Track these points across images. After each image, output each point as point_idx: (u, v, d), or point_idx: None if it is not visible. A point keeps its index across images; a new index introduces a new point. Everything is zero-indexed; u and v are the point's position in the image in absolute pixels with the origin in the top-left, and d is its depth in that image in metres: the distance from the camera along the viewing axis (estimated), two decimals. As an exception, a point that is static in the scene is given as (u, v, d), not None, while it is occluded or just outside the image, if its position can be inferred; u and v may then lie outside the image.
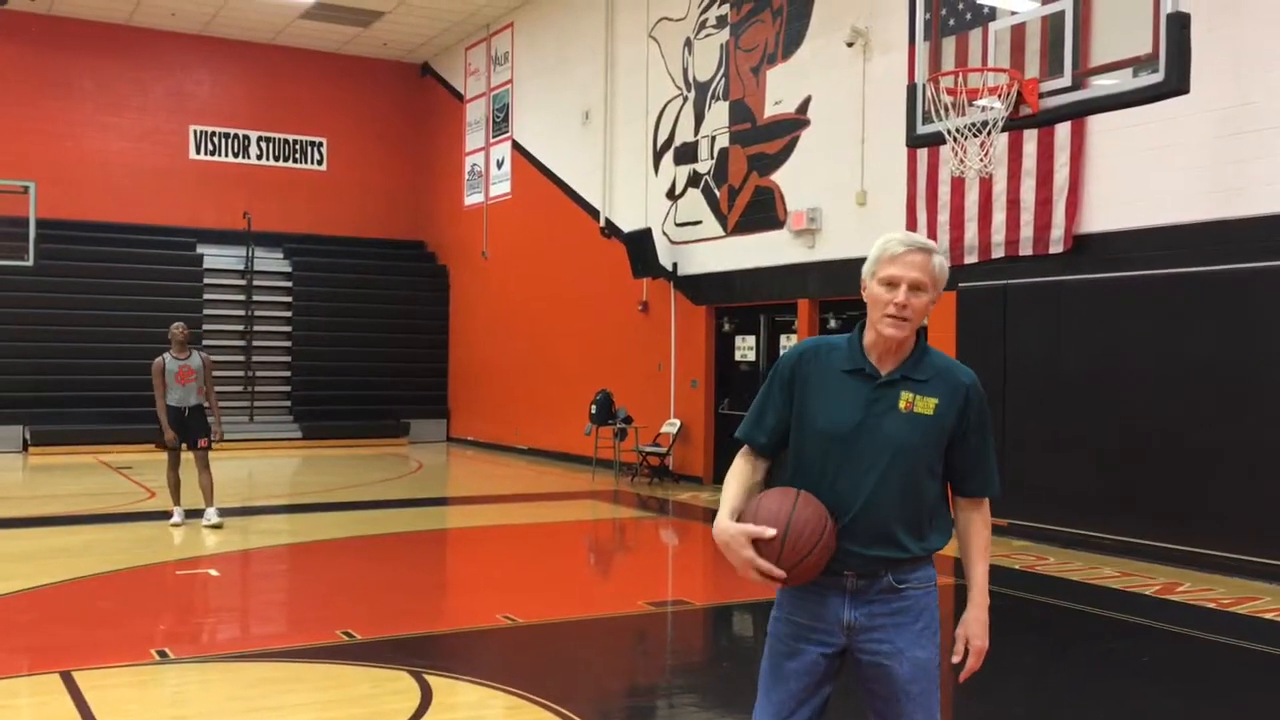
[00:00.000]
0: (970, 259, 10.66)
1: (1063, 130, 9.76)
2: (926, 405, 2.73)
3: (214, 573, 8.55)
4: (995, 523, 2.97)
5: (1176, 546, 8.80)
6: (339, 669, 5.77)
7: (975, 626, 2.83)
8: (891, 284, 2.71)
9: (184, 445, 10.52)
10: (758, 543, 2.64)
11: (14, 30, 18.59)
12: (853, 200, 12.02)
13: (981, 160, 6.06)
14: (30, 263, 16.39)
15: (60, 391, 18.31)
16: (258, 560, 9.49)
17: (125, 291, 19.21)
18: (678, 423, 14.62)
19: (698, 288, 14.48)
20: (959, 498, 2.87)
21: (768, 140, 13.34)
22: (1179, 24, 5.54)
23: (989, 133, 6.06)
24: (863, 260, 2.85)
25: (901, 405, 2.73)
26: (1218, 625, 7.01)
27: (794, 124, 12.94)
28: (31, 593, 7.57)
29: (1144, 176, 9.27)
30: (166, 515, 10.66)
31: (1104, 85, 6.16)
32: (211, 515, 10.44)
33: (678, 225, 14.87)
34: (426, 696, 5.25)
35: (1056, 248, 9.88)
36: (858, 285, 2.87)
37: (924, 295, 2.72)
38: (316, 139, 21.87)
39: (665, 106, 15.19)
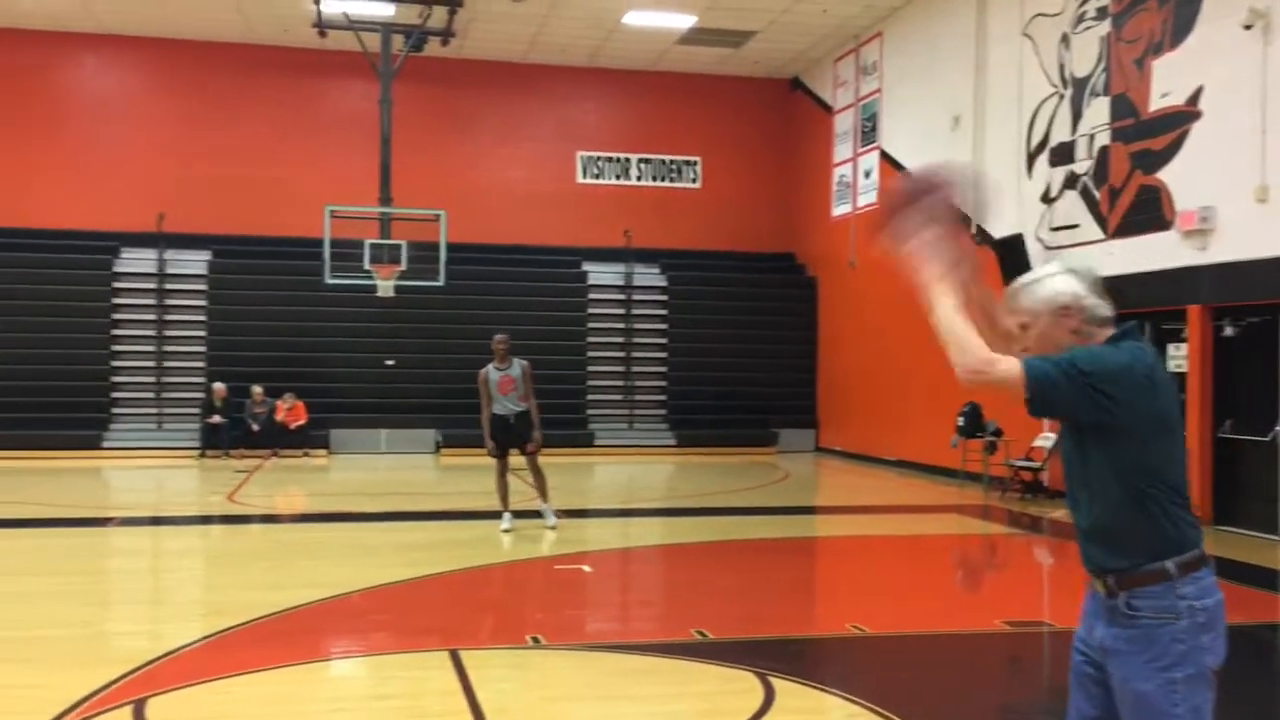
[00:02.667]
0: (1396, 258, 9.43)
1: None
2: None
3: (587, 569, 9.17)
4: None
5: None
6: (689, 665, 6.06)
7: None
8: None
9: (511, 451, 10.88)
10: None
11: (426, 74, 20.78)
12: (1251, 197, 10.95)
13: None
14: (441, 283, 18.24)
15: (467, 399, 20.13)
16: (628, 559, 10.08)
17: (520, 307, 20.89)
18: (1052, 437, 13.91)
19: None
20: None
21: (1153, 136, 12.44)
22: None
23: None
24: (1264, 262, 2.75)
25: None
26: None
27: (1183, 117, 11.98)
28: (431, 579, 8.49)
29: None
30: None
31: None
32: (549, 516, 10.92)
33: (1053, 230, 14.18)
34: (769, 698, 5.41)
35: None
36: (1258, 289, 2.80)
37: (1031, 327, 2.84)
38: (692, 158, 22.77)
39: (1039, 106, 14.54)
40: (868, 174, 19.49)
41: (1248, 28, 10.95)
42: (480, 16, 19.07)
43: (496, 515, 10.87)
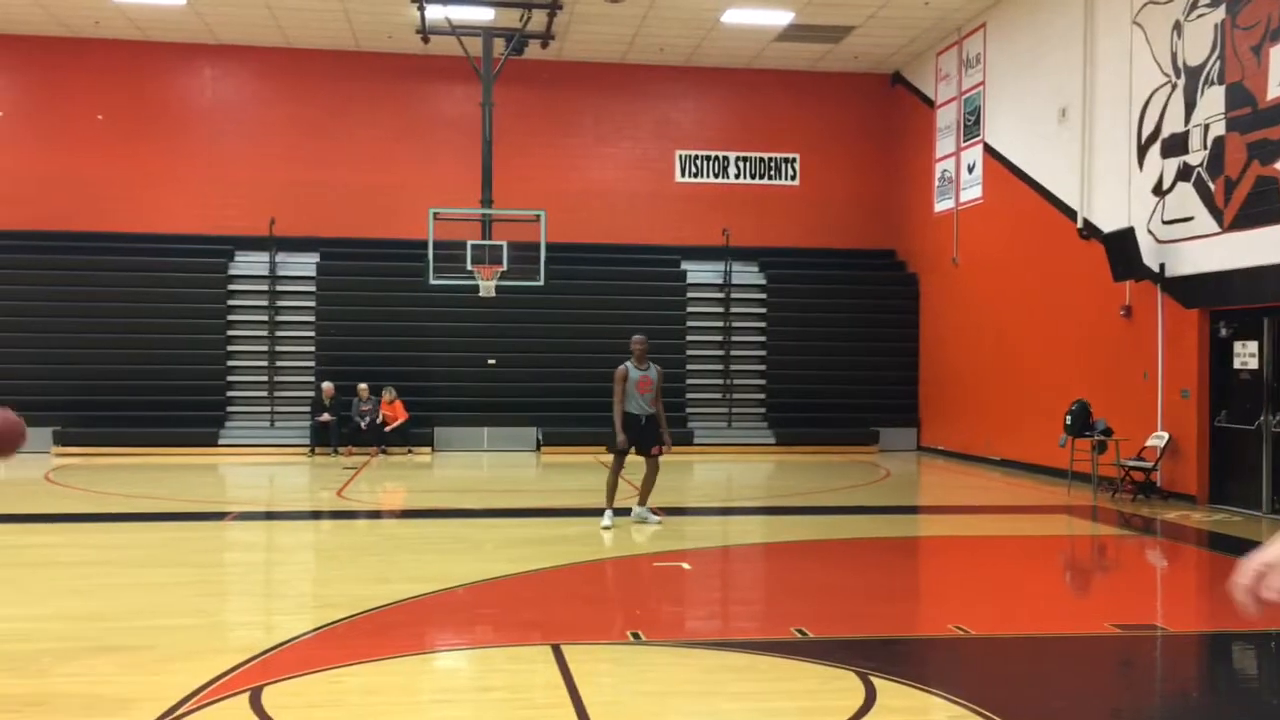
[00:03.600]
0: None
1: None
2: None
3: (686, 566, 9.21)
4: None
5: None
6: (789, 663, 6.06)
7: None
8: None
9: (633, 450, 10.99)
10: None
11: (528, 76, 21.05)
12: (1378, 186, 10.52)
13: None
14: (541, 282, 18.45)
15: (566, 397, 20.42)
16: (728, 557, 10.09)
17: (618, 306, 21.04)
18: (1165, 436, 13.54)
19: (1188, 289, 13.32)
20: None
21: (1272, 125, 12.01)
22: None
23: None
24: None
25: None
26: None
27: (1303, 104, 11.55)
28: (535, 574, 8.61)
29: None
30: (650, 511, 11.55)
31: None
32: (646, 514, 11.07)
33: (1165, 223, 13.78)
34: (870, 697, 5.38)
35: None
36: None
37: None
38: (790, 155, 22.65)
39: (1151, 97, 14.14)
40: (971, 169, 19.17)
41: (1373, 10, 10.51)
42: (579, 18, 19.25)
43: (596, 513, 10.98)
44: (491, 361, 20.67)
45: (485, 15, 18.78)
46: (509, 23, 18.74)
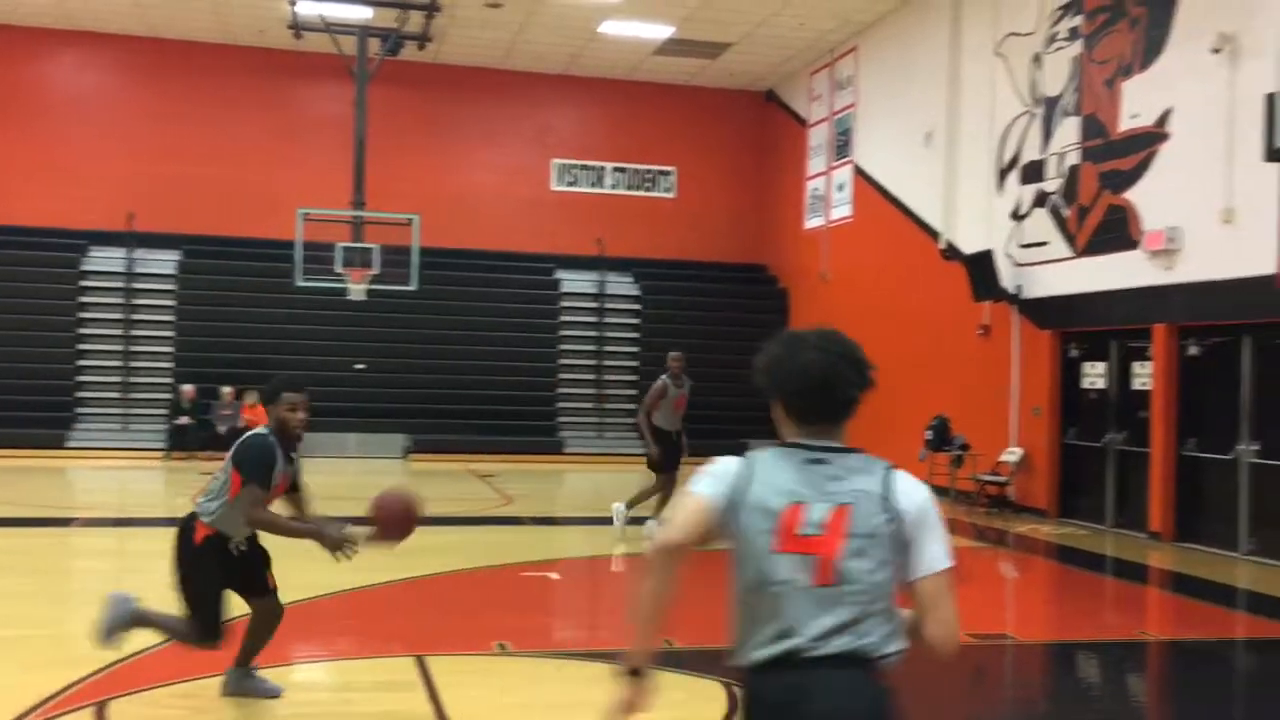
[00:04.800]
0: (1356, 281, 9.60)
1: None
2: None
3: (554, 576, 9.18)
4: None
5: None
6: (657, 674, 6.07)
7: None
8: None
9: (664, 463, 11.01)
10: None
11: (402, 78, 20.74)
12: (1217, 219, 11.12)
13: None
14: (414, 287, 18.19)
15: (437, 404, 20.16)
16: (595, 567, 10.09)
17: (492, 313, 20.89)
18: (1019, 451, 14.06)
19: (1043, 311, 13.88)
20: None
21: (1122, 156, 12.61)
22: None
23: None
24: (1229, 282, 2.76)
25: None
26: None
27: (1151, 138, 12.16)
28: (399, 584, 8.46)
29: None
30: (519, 521, 11.49)
31: None
32: (621, 510, 11.25)
33: (1022, 247, 14.34)
34: (734, 707, 5.44)
35: None
36: (1223, 309, 2.77)
37: None
38: (667, 168, 22.84)
39: (1011, 125, 14.70)
40: (841, 187, 19.63)
41: (1215, 51, 11.12)
42: (457, 22, 19.07)
43: (465, 521, 10.86)
44: (360, 366, 20.28)
45: (362, 14, 18.46)
46: (386, 23, 18.45)
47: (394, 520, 5.24)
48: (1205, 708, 6.36)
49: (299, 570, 8.95)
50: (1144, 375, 12.33)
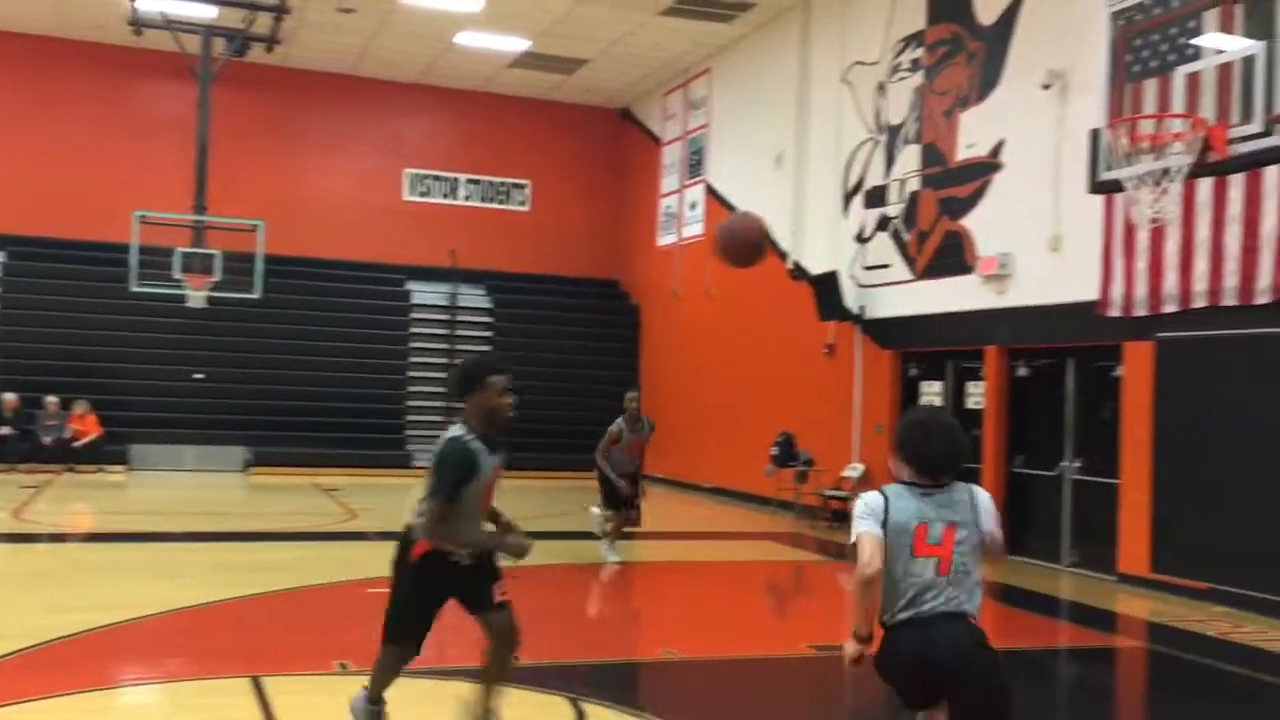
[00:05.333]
0: (1169, 308, 10.21)
1: (1271, 175, 9.25)
2: None
3: (400, 592, 8.99)
4: (1195, 585, 3.00)
5: (1392, 622, 8.15)
6: (511, 691, 6.01)
7: None
8: None
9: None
10: None
11: (249, 80, 20.16)
12: (1046, 246, 11.70)
13: (1154, 208, 5.86)
14: (257, 295, 17.66)
15: (280, 416, 19.59)
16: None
17: (340, 324, 20.45)
18: (861, 467, 14.47)
19: (884, 331, 14.34)
20: None
21: (959, 184, 13.15)
22: (1380, 67, 5.26)
23: (1170, 180, 5.86)
24: (1055, 307, 2.92)
25: None
26: None
27: (986, 168, 12.71)
28: (235, 602, 8.18)
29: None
30: (364, 536, 11.24)
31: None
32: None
33: (865, 268, 14.79)
34: (580, 722, 5.43)
35: (1263, 298, 9.35)
36: (1050, 332, 2.96)
37: None
38: (521, 181, 22.78)
39: (856, 150, 15.17)
40: (693, 206, 19.91)
41: (1046, 87, 11.70)
42: (307, 25, 18.65)
43: (305, 538, 10.58)
44: (198, 376, 19.55)
45: (206, 13, 17.87)
46: (232, 23, 17.91)
47: (741, 239, 5.21)
48: (1029, 716, 6.63)
49: (123, 588, 8.58)
50: (977, 395, 12.85)
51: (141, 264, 16.96)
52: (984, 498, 4.02)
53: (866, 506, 3.91)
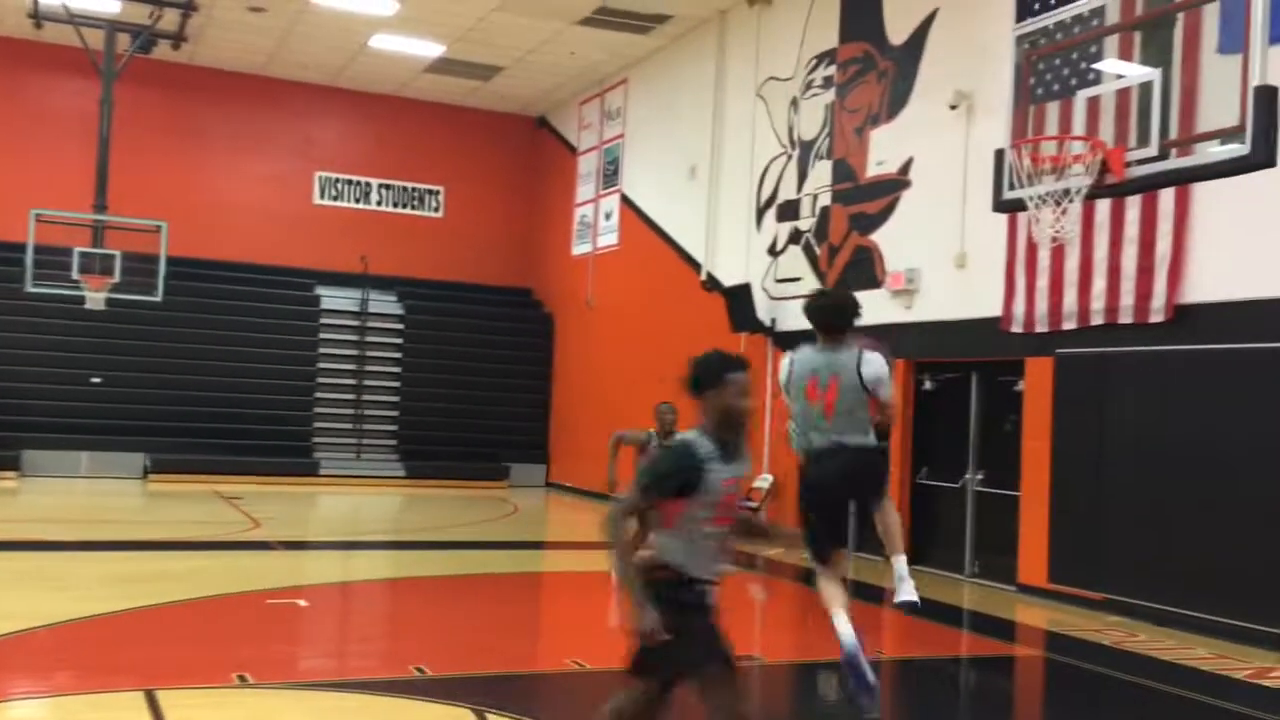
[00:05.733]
0: (1069, 325, 10.49)
1: (1166, 198, 9.59)
2: None
3: (303, 603, 8.84)
4: (1090, 596, 3.02)
5: (1273, 630, 8.46)
6: (405, 703, 5.94)
7: None
8: None
9: None
10: None
11: (154, 77, 19.67)
12: (952, 262, 11.94)
13: (1055, 228, 6.03)
14: (159, 298, 17.20)
15: (181, 422, 19.11)
16: (348, 593, 9.78)
17: (246, 329, 20.02)
18: (770, 478, 14.59)
19: (795, 344, 14.45)
20: None
21: (869, 200, 13.36)
22: (1267, 97, 5.46)
23: (1070, 201, 6.03)
24: (960, 322, 2.95)
25: None
26: (1309, 715, 6.73)
27: (895, 184, 12.94)
28: (130, 613, 7.94)
29: (1251, 247, 9.04)
30: (267, 546, 11.02)
31: (1191, 156, 6.09)
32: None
33: (778, 281, 14.95)
34: (484, 735, 5.38)
35: (1158, 317, 9.66)
36: (954, 346, 2.99)
37: None
38: (435, 187, 22.58)
39: (770, 164, 15.34)
40: (608, 216, 19.93)
41: (953, 107, 11.96)
42: (216, 23, 18.25)
43: (206, 547, 10.33)
44: (96, 380, 18.98)
45: (109, 7, 17.40)
46: (138, 18, 17.46)
47: None
48: (931, 722, 6.75)
49: (12, 599, 8.28)
50: (885, 407, 13.04)
51: (38, 264, 16.42)
52: (871, 358, 5.53)
53: (783, 362, 5.89)
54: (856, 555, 13.05)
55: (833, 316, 5.83)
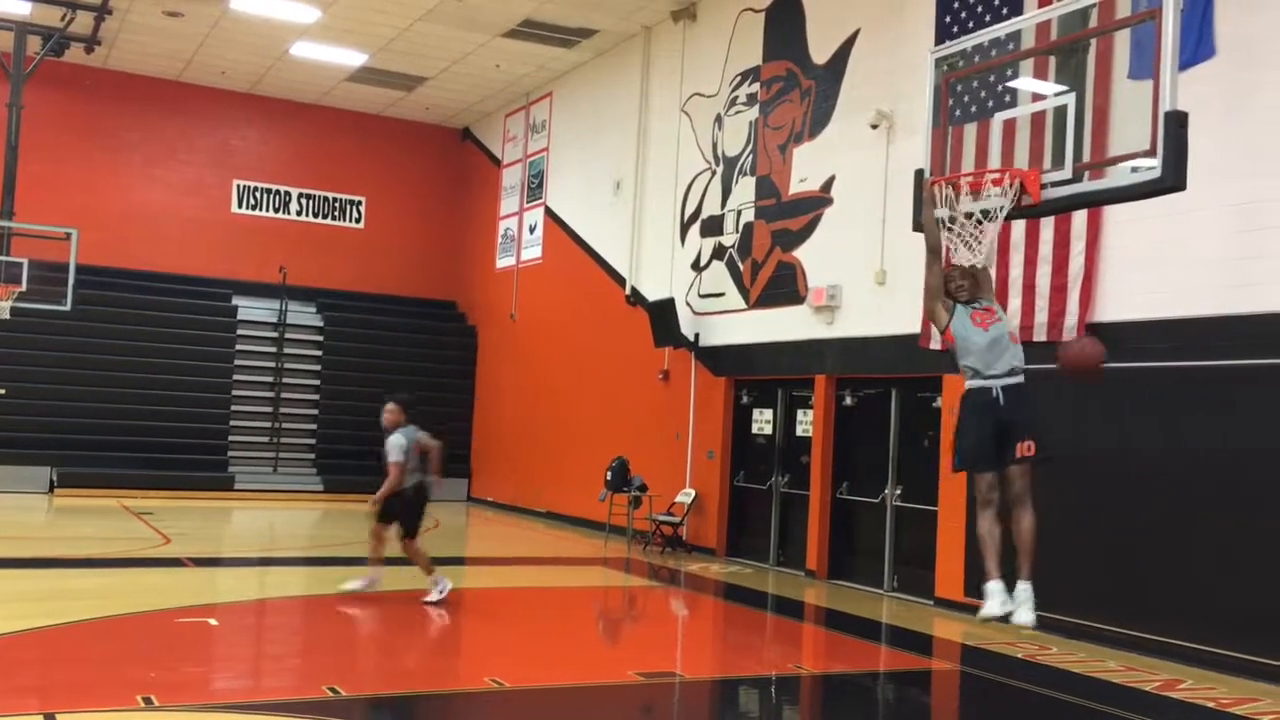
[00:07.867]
0: (985, 342, 10.65)
1: (1079, 219, 9.80)
2: None
3: (213, 622, 8.61)
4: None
5: (1181, 642, 8.66)
6: (319, 724, 5.79)
7: None
8: None
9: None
10: None
11: (66, 81, 19.19)
12: (872, 279, 12.08)
13: (970, 249, 6.11)
14: (68, 307, 16.73)
15: (89, 435, 18.58)
16: (261, 611, 9.56)
17: (160, 339, 19.55)
18: (692, 493, 14.61)
19: (718, 359, 14.54)
20: None
21: (792, 217, 13.47)
22: (1177, 122, 5.58)
23: (987, 221, 6.12)
24: (881, 339, 2.94)
25: None
26: (1214, 726, 6.88)
27: (818, 202, 13.07)
28: (31, 633, 7.66)
29: (1159, 268, 9.28)
30: (178, 563, 10.73)
31: (1104, 179, 6.21)
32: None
33: (701, 296, 14.99)
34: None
35: (1070, 334, 9.86)
36: (874, 362, 2.98)
37: None
38: (356, 197, 22.29)
39: (694, 179, 15.40)
40: (532, 229, 19.85)
41: (874, 127, 12.12)
42: (131, 27, 17.85)
43: (114, 564, 10.03)
44: (0, 391, 18.38)
45: (19, 9, 16.93)
46: (49, 20, 17.01)
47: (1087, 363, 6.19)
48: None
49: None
50: (806, 422, 13.15)
51: (-61, 270, 15.88)
52: None
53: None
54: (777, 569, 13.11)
55: None
